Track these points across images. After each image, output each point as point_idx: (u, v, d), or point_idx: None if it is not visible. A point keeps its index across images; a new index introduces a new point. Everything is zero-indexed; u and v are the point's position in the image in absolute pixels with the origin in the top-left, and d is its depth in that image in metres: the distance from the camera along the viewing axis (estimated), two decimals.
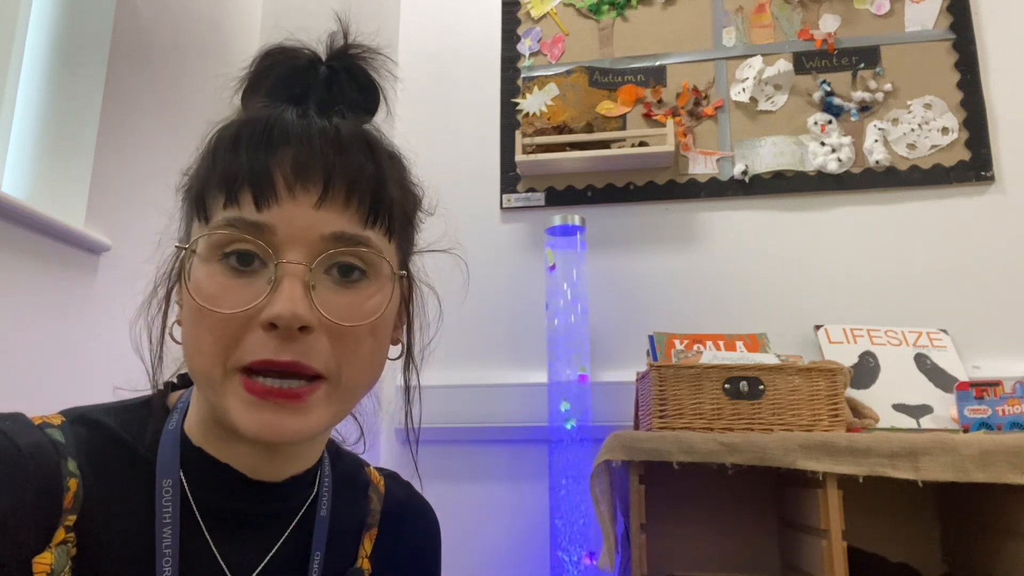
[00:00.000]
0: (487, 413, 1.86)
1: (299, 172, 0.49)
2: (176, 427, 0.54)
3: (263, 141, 0.50)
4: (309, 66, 0.56)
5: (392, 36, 2.18)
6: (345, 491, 0.63)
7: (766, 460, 1.25)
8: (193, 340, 0.50)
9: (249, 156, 0.49)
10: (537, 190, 2.00)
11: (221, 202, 0.49)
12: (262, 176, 0.49)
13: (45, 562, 0.45)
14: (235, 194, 0.49)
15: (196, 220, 0.52)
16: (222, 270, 0.49)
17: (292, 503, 0.58)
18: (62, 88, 1.31)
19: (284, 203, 0.49)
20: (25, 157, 1.27)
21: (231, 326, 0.48)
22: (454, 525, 1.88)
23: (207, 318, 0.48)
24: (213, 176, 0.50)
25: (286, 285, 0.47)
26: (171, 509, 0.50)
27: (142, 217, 1.42)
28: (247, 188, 0.48)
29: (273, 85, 0.55)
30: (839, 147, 1.87)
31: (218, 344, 0.48)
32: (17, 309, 1.12)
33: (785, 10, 2.00)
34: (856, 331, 1.72)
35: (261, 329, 0.48)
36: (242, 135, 0.50)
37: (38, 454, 0.47)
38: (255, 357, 0.48)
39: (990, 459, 1.16)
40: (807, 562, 1.34)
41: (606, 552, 1.33)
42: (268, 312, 0.47)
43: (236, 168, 0.49)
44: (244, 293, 0.48)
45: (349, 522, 0.63)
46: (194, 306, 0.49)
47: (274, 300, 0.47)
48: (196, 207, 0.51)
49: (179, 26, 1.58)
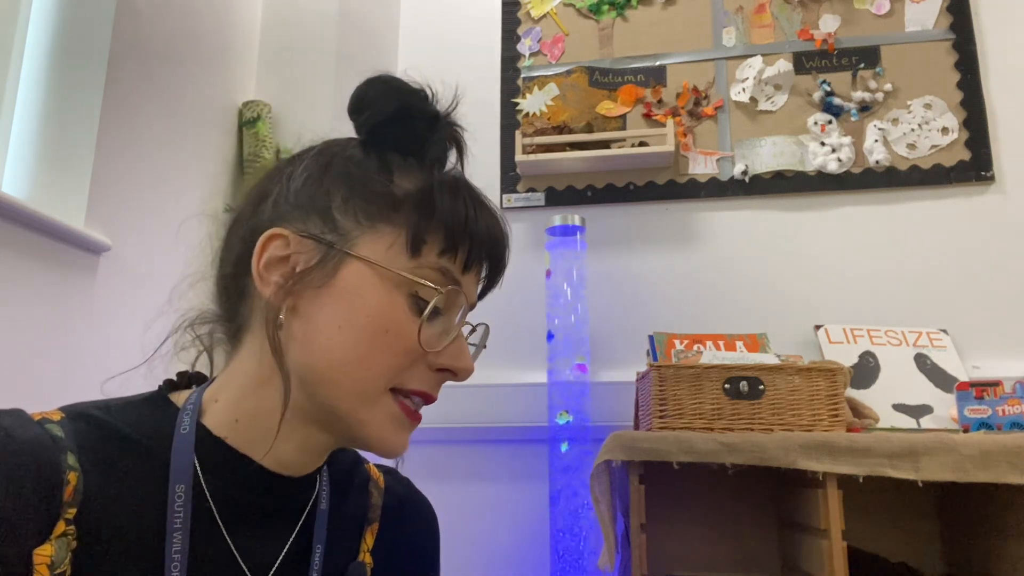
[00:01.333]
0: (487, 413, 1.86)
1: (492, 247, 0.59)
2: (190, 430, 0.54)
3: (479, 208, 0.58)
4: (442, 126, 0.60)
5: (392, 36, 2.18)
6: (344, 486, 0.64)
7: (766, 460, 1.25)
8: (362, 354, 0.53)
9: (474, 218, 0.56)
10: (537, 190, 2.00)
11: (438, 248, 0.55)
12: (477, 250, 0.57)
13: (45, 554, 0.46)
14: (455, 247, 0.56)
15: (401, 247, 0.55)
16: (409, 303, 0.54)
17: (300, 497, 0.59)
18: (62, 88, 1.31)
19: (473, 270, 0.58)
20: (25, 157, 1.28)
21: (410, 356, 0.54)
22: (454, 525, 1.88)
23: (392, 344, 0.53)
24: (436, 224, 0.55)
25: (463, 342, 0.58)
26: (182, 515, 0.51)
27: (142, 217, 1.42)
28: (466, 245, 0.56)
29: (422, 140, 0.59)
30: (839, 147, 1.87)
31: (394, 368, 0.54)
32: (17, 309, 1.12)
33: (785, 10, 2.00)
34: (856, 331, 1.72)
35: (429, 368, 0.56)
36: (458, 192, 0.57)
37: (37, 448, 0.47)
38: (420, 388, 0.56)
39: (990, 459, 1.16)
40: (807, 562, 1.34)
41: (606, 552, 1.33)
42: (455, 363, 0.56)
43: (463, 235, 0.56)
44: (429, 331, 0.55)
45: (350, 516, 0.64)
46: (380, 325, 0.53)
47: (458, 351, 0.57)
48: (411, 236, 0.55)
49: (179, 26, 1.58)
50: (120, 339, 1.29)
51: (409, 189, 0.56)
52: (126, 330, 1.31)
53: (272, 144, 1.78)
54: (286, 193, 0.56)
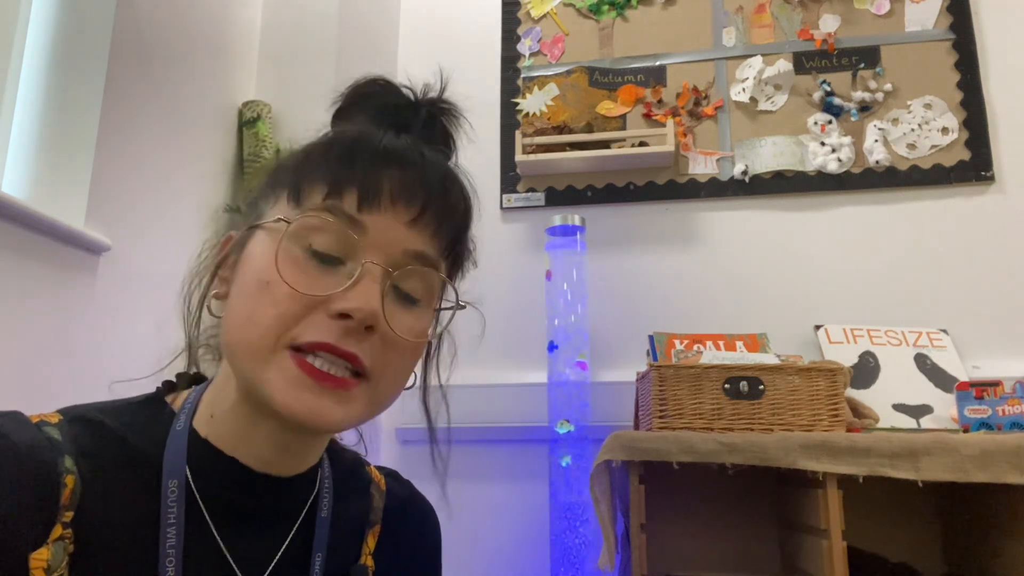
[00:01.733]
0: (487, 413, 1.86)
1: (405, 189, 0.53)
2: (184, 428, 0.54)
3: (378, 153, 0.54)
4: (411, 105, 0.61)
5: (392, 36, 2.18)
6: (346, 489, 0.64)
7: (766, 460, 1.25)
8: (248, 311, 0.51)
9: (363, 163, 0.53)
10: (537, 190, 2.00)
11: (321, 193, 0.52)
12: (371, 182, 0.52)
13: (42, 558, 0.45)
14: (340, 190, 0.52)
15: (285, 203, 0.54)
16: (303, 256, 0.51)
17: (296, 500, 0.59)
18: (62, 88, 1.31)
19: (384, 212, 0.52)
20: (25, 157, 1.28)
21: (297, 305, 0.50)
22: (454, 525, 1.88)
23: (273, 292, 0.50)
24: (319, 171, 0.53)
25: (367, 283, 0.51)
26: (176, 510, 0.51)
27: (142, 217, 1.42)
28: (354, 188, 0.52)
29: (377, 112, 0.60)
30: (839, 147, 1.87)
31: (278, 318, 0.50)
32: (17, 309, 1.12)
33: (785, 10, 2.00)
34: (856, 331, 1.72)
35: (328, 316, 0.50)
36: (358, 144, 0.54)
37: (34, 451, 0.47)
38: (317, 338, 0.50)
39: (990, 459, 1.16)
40: (807, 562, 1.34)
41: (606, 552, 1.33)
42: (346, 303, 0.50)
43: (347, 170, 0.53)
44: (323, 279, 0.51)
45: (352, 519, 0.63)
46: (260, 278, 0.51)
47: (353, 294, 0.50)
48: (290, 192, 0.54)
49: (179, 26, 1.58)
50: (120, 339, 1.29)
51: (305, 148, 0.56)
52: (126, 330, 1.31)
53: (272, 144, 1.78)
54: (245, 200, 0.60)
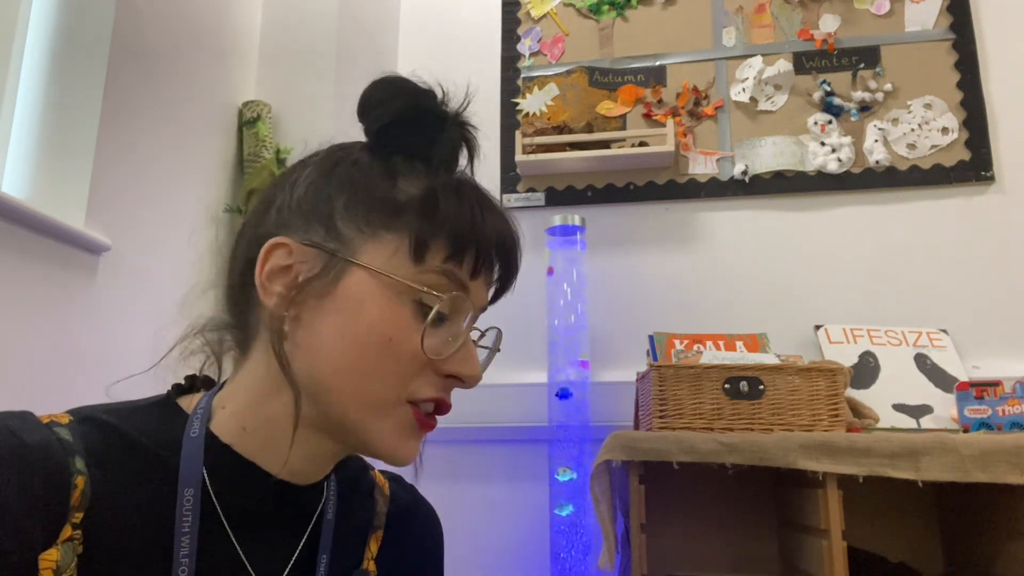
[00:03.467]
0: (487, 413, 1.86)
1: (501, 250, 0.57)
2: (200, 434, 0.53)
3: (486, 211, 0.56)
4: (451, 126, 0.59)
5: (392, 36, 2.18)
6: (351, 493, 0.64)
7: (766, 460, 1.25)
8: (368, 365, 0.52)
9: (480, 222, 0.55)
10: (537, 190, 2.00)
11: (443, 254, 0.54)
12: (485, 251, 0.55)
13: (51, 559, 0.45)
14: (460, 255, 0.54)
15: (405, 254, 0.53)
16: (413, 311, 0.53)
17: (308, 505, 0.59)
18: (62, 88, 1.31)
19: (483, 274, 0.57)
20: (25, 157, 1.27)
21: (414, 364, 0.53)
22: (454, 525, 1.88)
23: (398, 351, 0.52)
24: (442, 230, 0.54)
25: (471, 348, 0.57)
26: (191, 518, 0.51)
27: (142, 217, 1.42)
28: (472, 255, 0.55)
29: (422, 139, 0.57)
30: (839, 147, 1.87)
31: (401, 376, 0.53)
32: (17, 309, 1.12)
33: (785, 10, 2.00)
34: (856, 331, 1.72)
35: (438, 374, 0.55)
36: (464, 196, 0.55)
37: (45, 451, 0.47)
38: (433, 395, 0.55)
39: (990, 459, 1.16)
40: (807, 562, 1.34)
41: (606, 552, 1.33)
42: (460, 368, 0.55)
43: (469, 238, 0.54)
44: (432, 339, 0.54)
45: (355, 524, 0.63)
46: (383, 334, 0.52)
47: (463, 358, 0.55)
48: (413, 244, 0.53)
49: (179, 26, 1.57)
50: (120, 339, 1.29)
51: (413, 193, 0.55)
52: (126, 330, 1.31)
53: (272, 144, 1.78)
54: (289, 200, 0.56)
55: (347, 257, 0.53)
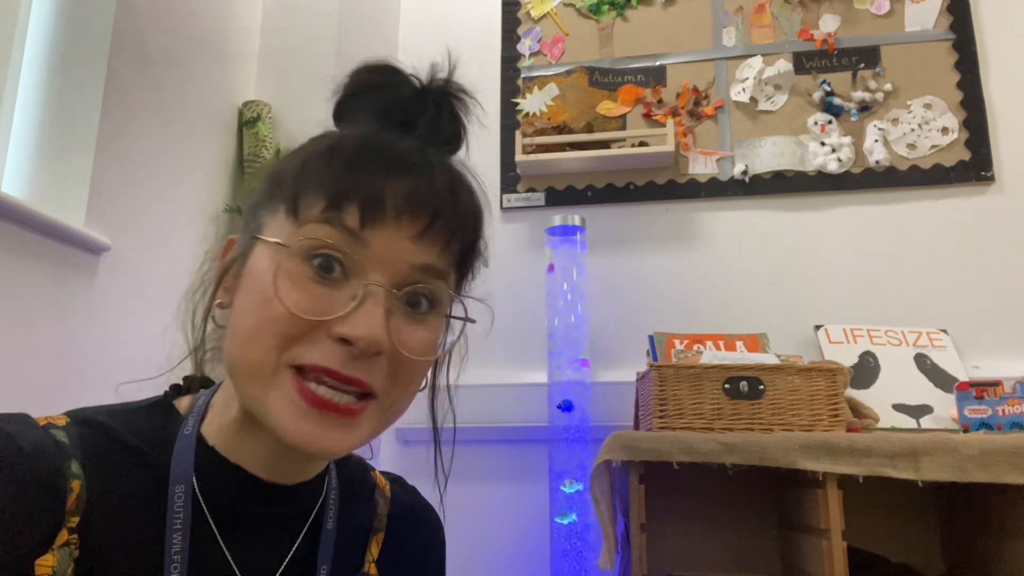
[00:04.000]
0: (487, 413, 1.86)
1: (411, 200, 0.50)
2: (192, 431, 0.53)
3: (381, 162, 0.51)
4: (417, 97, 0.58)
5: (392, 36, 2.18)
6: (351, 495, 0.63)
7: (766, 460, 1.25)
8: (249, 329, 0.49)
9: (365, 173, 0.50)
10: (537, 190, 2.00)
11: (321, 206, 0.49)
12: (374, 195, 0.49)
13: (47, 564, 0.45)
14: (339, 204, 0.49)
15: (284, 216, 0.51)
16: (305, 271, 0.49)
17: (302, 507, 0.58)
18: (62, 88, 1.31)
19: (387, 227, 0.50)
20: (25, 157, 1.28)
21: (300, 325, 0.48)
22: (454, 525, 1.88)
23: (274, 310, 0.48)
24: (318, 182, 0.50)
25: (370, 306, 0.49)
26: (182, 515, 0.50)
27: (142, 217, 1.42)
28: (355, 201, 0.49)
29: (381, 107, 0.56)
30: (839, 147, 1.87)
31: (280, 338, 0.48)
32: (17, 309, 1.12)
33: (785, 10, 2.00)
34: (856, 331, 1.72)
35: (330, 338, 0.48)
36: (361, 152, 0.51)
37: (41, 455, 0.46)
38: (320, 362, 0.48)
39: (990, 459, 1.16)
40: (807, 562, 1.34)
41: (606, 552, 1.33)
42: (350, 330, 0.48)
43: (349, 181, 0.50)
44: (324, 300, 0.49)
45: (355, 526, 0.63)
46: (262, 295, 0.49)
47: (357, 319, 0.48)
48: (287, 204, 0.51)
49: (179, 26, 1.58)
50: (120, 339, 1.29)
51: (304, 154, 0.53)
52: (126, 330, 1.31)
53: (272, 144, 1.78)
54: (245, 201, 0.58)
55: (254, 234, 0.52)
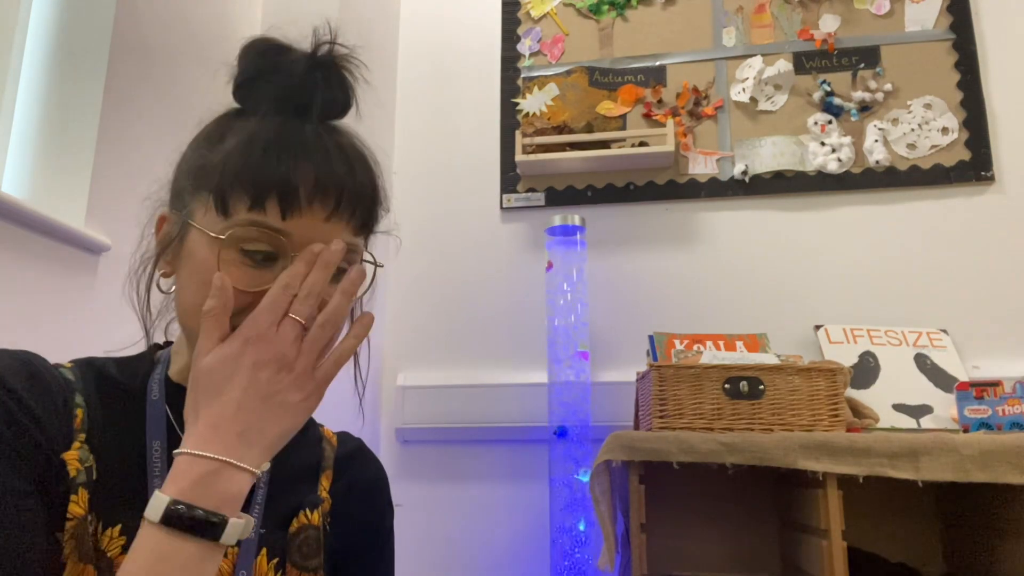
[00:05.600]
0: (487, 413, 1.86)
1: (318, 188, 0.58)
2: (160, 397, 0.64)
3: (288, 154, 0.58)
4: (307, 71, 0.62)
5: (392, 36, 2.18)
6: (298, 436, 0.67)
7: (766, 460, 1.25)
8: (197, 304, 0.57)
9: (277, 168, 0.57)
10: (537, 190, 2.00)
11: (246, 204, 0.57)
12: (288, 189, 0.57)
13: (73, 456, 0.57)
14: (262, 201, 0.57)
15: (213, 210, 0.58)
16: (239, 258, 0.58)
17: None
18: (62, 88, 1.31)
19: (304, 214, 0.57)
20: (25, 157, 1.28)
21: (239, 300, 0.57)
22: (454, 525, 1.88)
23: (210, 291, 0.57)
24: (240, 180, 0.57)
25: None
26: (160, 465, 0.61)
27: (142, 217, 1.42)
28: (274, 198, 0.57)
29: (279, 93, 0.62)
30: (839, 147, 1.87)
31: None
32: (17, 309, 1.12)
33: (785, 10, 2.00)
34: (856, 331, 1.72)
35: None
36: (270, 148, 0.58)
37: (56, 386, 0.59)
38: None
39: (990, 459, 1.16)
40: (807, 562, 1.34)
41: (606, 552, 1.33)
42: None
43: (265, 178, 0.57)
44: (258, 277, 0.58)
45: (306, 465, 0.72)
46: (204, 278, 0.57)
47: None
48: (216, 200, 0.58)
49: (179, 26, 1.57)
50: (120, 339, 1.29)
51: (224, 151, 0.59)
52: (126, 330, 1.31)
53: None
54: (173, 178, 0.65)
55: (187, 220, 0.60)
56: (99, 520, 0.57)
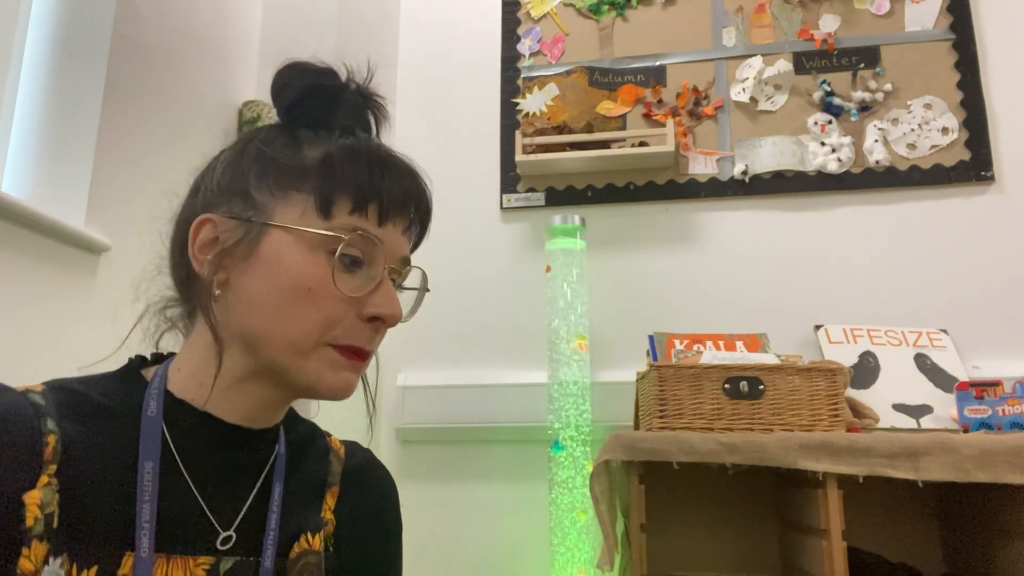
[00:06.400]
0: (487, 413, 1.86)
1: (405, 200, 0.62)
2: (157, 414, 0.59)
3: (383, 166, 0.62)
4: (358, 95, 0.66)
5: (392, 36, 2.18)
6: (304, 451, 0.69)
7: (766, 460, 1.25)
8: (291, 312, 0.58)
9: (379, 176, 0.61)
10: (537, 190, 2.00)
11: (347, 208, 0.59)
12: (386, 196, 0.60)
13: (34, 497, 0.51)
14: (364, 205, 0.60)
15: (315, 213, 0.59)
16: (328, 261, 0.58)
17: (265, 452, 0.65)
18: (62, 88, 1.31)
19: (394, 223, 0.62)
20: (25, 157, 1.28)
21: (339, 308, 0.59)
22: (454, 525, 1.88)
23: (317, 298, 0.58)
24: (344, 186, 0.59)
25: (388, 287, 0.61)
26: (151, 488, 0.56)
27: (142, 217, 1.42)
28: (375, 205, 0.60)
29: (325, 110, 0.64)
30: (839, 147, 1.87)
31: (324, 322, 0.58)
32: (17, 309, 1.12)
33: (785, 10, 2.00)
34: (856, 331, 1.72)
35: (360, 319, 0.60)
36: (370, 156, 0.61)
37: (16, 413, 0.53)
38: (355, 343, 0.60)
39: (990, 459, 1.16)
40: (807, 562, 1.34)
41: (606, 552, 1.33)
42: (379, 309, 0.60)
43: (371, 185, 0.60)
44: (351, 284, 0.59)
45: (311, 480, 0.69)
46: (301, 284, 0.58)
47: (380, 299, 0.60)
48: (318, 202, 0.59)
49: (179, 26, 1.57)
50: (120, 339, 1.29)
51: (315, 157, 0.61)
52: (126, 330, 1.31)
53: None
54: (211, 183, 0.63)
55: (263, 220, 0.59)
56: (72, 563, 0.52)
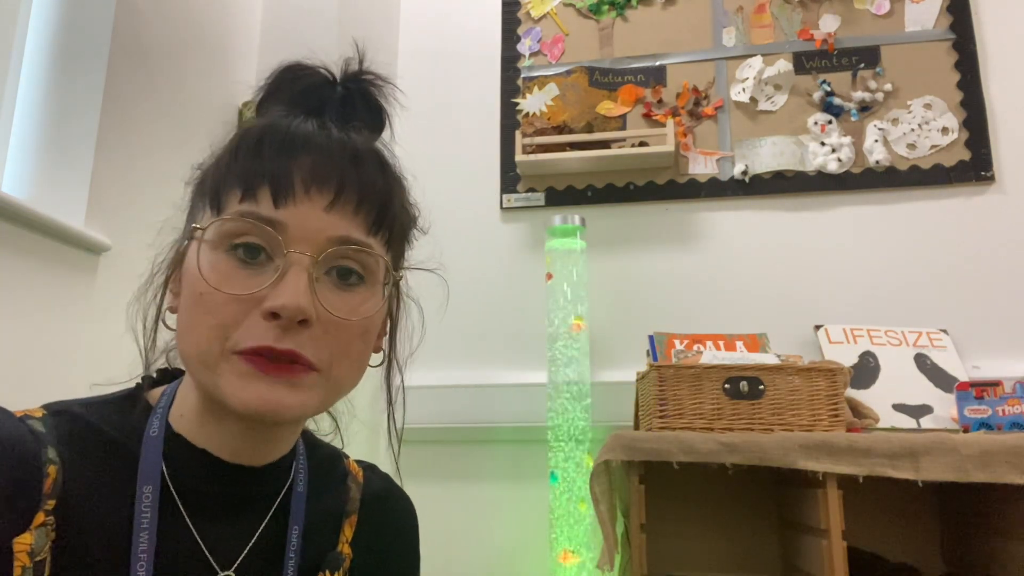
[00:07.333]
0: (487, 413, 1.86)
1: (315, 176, 0.53)
2: (159, 433, 0.55)
3: (285, 145, 0.54)
4: (326, 84, 0.61)
5: (392, 36, 2.18)
6: (323, 478, 0.65)
7: (766, 460, 1.25)
8: (191, 321, 0.52)
9: (271, 157, 0.53)
10: (537, 190, 2.00)
11: (238, 197, 0.53)
12: (281, 176, 0.52)
13: (25, 542, 0.47)
14: (253, 190, 0.52)
15: (208, 211, 0.54)
16: (228, 259, 0.52)
17: (270, 488, 0.60)
18: (62, 88, 1.31)
19: (299, 203, 0.52)
20: (25, 157, 1.28)
21: (232, 309, 0.51)
22: (454, 525, 1.88)
23: (209, 300, 0.51)
24: (232, 174, 0.54)
25: (291, 276, 0.51)
26: (149, 514, 0.52)
27: (142, 217, 1.42)
28: (266, 186, 0.52)
29: (291, 98, 0.60)
30: (839, 147, 1.87)
31: (218, 326, 0.51)
32: (17, 309, 1.12)
33: (785, 10, 1.99)
34: (856, 331, 1.72)
35: (262, 317, 0.50)
36: (264, 139, 0.54)
37: (16, 442, 0.48)
38: (256, 343, 0.50)
39: (990, 459, 1.16)
40: (807, 562, 1.34)
41: (606, 552, 1.33)
42: (273, 301, 0.50)
43: (257, 167, 0.53)
44: (249, 281, 0.51)
45: (329, 508, 0.64)
46: (197, 289, 0.52)
47: (280, 290, 0.50)
48: (211, 199, 0.54)
49: (179, 26, 1.57)
50: (120, 339, 1.29)
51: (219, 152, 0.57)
52: (126, 330, 1.31)
53: None
54: None
55: (186, 236, 0.56)
56: None
